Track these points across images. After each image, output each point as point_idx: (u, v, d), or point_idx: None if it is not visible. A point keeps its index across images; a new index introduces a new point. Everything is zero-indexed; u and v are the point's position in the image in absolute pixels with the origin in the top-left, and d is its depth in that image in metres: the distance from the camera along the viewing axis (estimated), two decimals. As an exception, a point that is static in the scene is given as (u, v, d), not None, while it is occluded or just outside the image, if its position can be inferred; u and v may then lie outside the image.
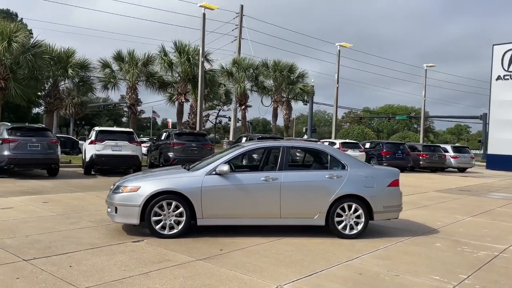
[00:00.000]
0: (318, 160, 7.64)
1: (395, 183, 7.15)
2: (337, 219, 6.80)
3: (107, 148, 14.95)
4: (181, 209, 6.40)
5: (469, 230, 7.97)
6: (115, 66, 23.77)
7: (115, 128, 16.82)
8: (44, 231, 6.51)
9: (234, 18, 36.03)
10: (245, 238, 6.53)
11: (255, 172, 7.14)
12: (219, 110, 75.05)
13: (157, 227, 6.35)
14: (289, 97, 30.89)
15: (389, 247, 6.42)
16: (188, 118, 27.80)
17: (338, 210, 6.80)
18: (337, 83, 27.85)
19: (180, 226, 6.42)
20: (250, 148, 7.18)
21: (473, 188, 16.88)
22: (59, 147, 14.21)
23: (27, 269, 4.74)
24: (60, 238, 6.17)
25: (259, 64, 28.55)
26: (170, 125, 38.58)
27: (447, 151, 27.52)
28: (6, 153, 12.88)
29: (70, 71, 20.33)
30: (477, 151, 58.66)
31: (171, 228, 6.42)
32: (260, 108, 41.72)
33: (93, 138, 15.23)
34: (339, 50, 28.56)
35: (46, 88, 22.23)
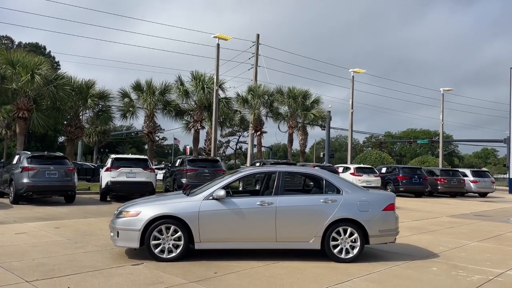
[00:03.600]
0: (314, 184, 7.82)
1: (391, 207, 7.24)
2: (332, 243, 6.91)
3: (122, 175, 15.44)
4: (179, 233, 6.65)
5: (471, 255, 7.93)
6: (133, 96, 24.66)
7: (130, 156, 17.36)
8: (51, 255, 6.85)
9: (250, 47, 36.91)
10: (241, 261, 6.70)
11: (251, 196, 7.37)
12: (239, 136, 75.82)
13: (156, 250, 6.61)
14: (304, 122, 31.13)
15: (383, 271, 6.48)
16: (205, 144, 28.33)
17: (334, 234, 6.92)
18: (352, 108, 28.06)
19: (178, 250, 6.65)
20: (247, 174, 7.44)
21: (489, 213, 16.56)
22: (75, 174, 14.77)
23: (27, 289, 5.05)
24: (64, 261, 6.48)
25: (274, 91, 29.05)
26: (188, 152, 39.24)
27: (466, 176, 27.05)
28: (25, 180, 13.48)
29: (89, 101, 21.20)
30: (504, 175, 57.13)
31: (170, 252, 6.66)
32: (277, 134, 42.06)
33: (108, 165, 15.77)
34: (353, 76, 28.88)
35: (68, 117, 23.18)
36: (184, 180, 16.84)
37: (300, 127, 30.97)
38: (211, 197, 6.81)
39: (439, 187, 25.52)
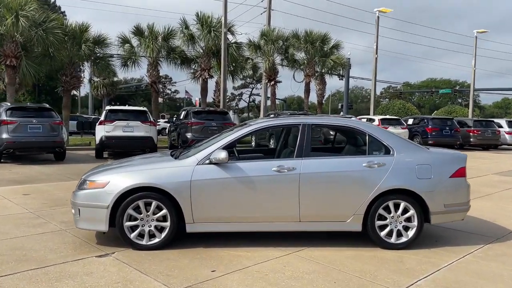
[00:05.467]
0: (352, 142, 5.75)
1: (461, 173, 5.16)
2: (379, 222, 4.94)
3: (117, 129, 13.54)
4: (164, 211, 4.73)
5: (560, 233, 5.89)
6: (134, 42, 22.33)
7: (127, 107, 15.43)
8: (-7, 238, 5.04)
9: (263, -12, 33.65)
10: (250, 249, 4.80)
11: (265, 160, 5.36)
12: (252, 89, 73.37)
13: (133, 235, 4.72)
14: (323, 71, 28.55)
15: (455, 264, 4.51)
16: (214, 96, 26.22)
17: (381, 211, 4.93)
18: (376, 53, 25.30)
19: (164, 234, 4.76)
20: (259, 128, 5.32)
21: (539, 169, 14.36)
22: (64, 128, 12.92)
23: None
24: (6, 249, 4.66)
25: (289, 35, 26.31)
26: (198, 104, 37.29)
27: (501, 127, 24.59)
28: (4, 136, 11.68)
29: (83, 47, 18.99)
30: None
31: (152, 236, 4.78)
32: (292, 84, 39.56)
33: (102, 118, 13.86)
34: (378, 17, 25.88)
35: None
36: (188, 135, 14.90)
37: (317, 76, 28.45)
38: (207, 161, 4.81)
39: (471, 139, 23.19)
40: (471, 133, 23.24)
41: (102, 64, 20.57)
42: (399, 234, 4.98)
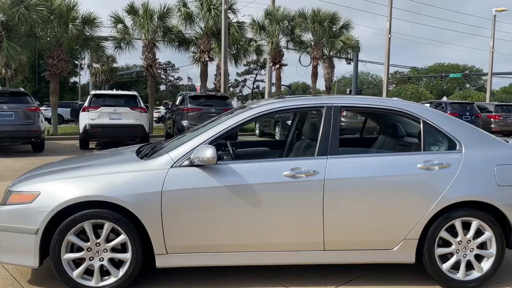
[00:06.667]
0: (398, 132, 4.12)
1: (559, 177, 3.56)
2: (440, 250, 3.37)
3: (103, 117, 11.96)
4: (123, 236, 3.17)
5: None
6: (128, 22, 20.58)
7: (114, 92, 13.83)
8: None
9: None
10: (252, 294, 3.24)
11: (272, 160, 3.74)
12: (257, 75, 71.61)
13: (76, 273, 3.17)
14: (331, 53, 26.76)
15: None
16: (215, 80, 24.58)
17: (443, 233, 3.36)
18: (389, 33, 23.45)
19: (123, 271, 3.21)
20: (263, 112, 3.59)
21: None
22: (41, 116, 11.36)
23: None
24: None
25: (295, 15, 24.45)
26: (198, 90, 35.63)
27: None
28: (-31, 124, 10.14)
29: (70, 26, 17.32)
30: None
31: (105, 274, 3.23)
32: (298, 69, 37.74)
33: (86, 104, 12.28)
34: (391, -7, 23.93)
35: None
36: (184, 123, 13.30)
37: (326, 59, 26.66)
38: (187, 162, 3.23)
39: (492, 126, 21.45)
40: (492, 119, 21.52)
41: (92, 45, 18.88)
42: (469, 267, 3.41)
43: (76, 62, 56.66)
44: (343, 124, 14.18)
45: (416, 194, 3.33)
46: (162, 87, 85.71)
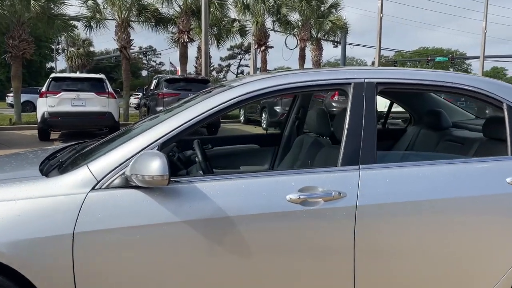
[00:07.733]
0: (445, 123, 2.79)
1: None
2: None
3: (64, 103, 10.39)
4: (3, 316, 1.77)
5: None
6: (100, -1, 18.81)
7: (77, 74, 12.25)
8: None
9: None
10: None
11: (267, 173, 2.29)
12: (241, 59, 69.93)
13: None
14: (319, 35, 25.43)
15: None
16: (196, 63, 23.02)
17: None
18: (381, 12, 22.07)
19: None
20: (249, 95, 2.12)
21: None
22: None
23: None
24: None
25: (282, -8, 22.97)
26: (179, 73, 33.87)
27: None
28: None
29: (32, 2, 15.48)
30: None
31: None
32: (284, 52, 36.20)
33: (44, 89, 10.68)
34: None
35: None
36: (159, 110, 11.79)
37: (313, 41, 25.30)
38: (118, 181, 1.83)
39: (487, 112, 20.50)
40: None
41: (58, 24, 17.06)
42: None
43: (52, 46, 54.24)
44: (334, 109, 12.76)
45: (503, 224, 2.01)
46: (144, 73, 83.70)
